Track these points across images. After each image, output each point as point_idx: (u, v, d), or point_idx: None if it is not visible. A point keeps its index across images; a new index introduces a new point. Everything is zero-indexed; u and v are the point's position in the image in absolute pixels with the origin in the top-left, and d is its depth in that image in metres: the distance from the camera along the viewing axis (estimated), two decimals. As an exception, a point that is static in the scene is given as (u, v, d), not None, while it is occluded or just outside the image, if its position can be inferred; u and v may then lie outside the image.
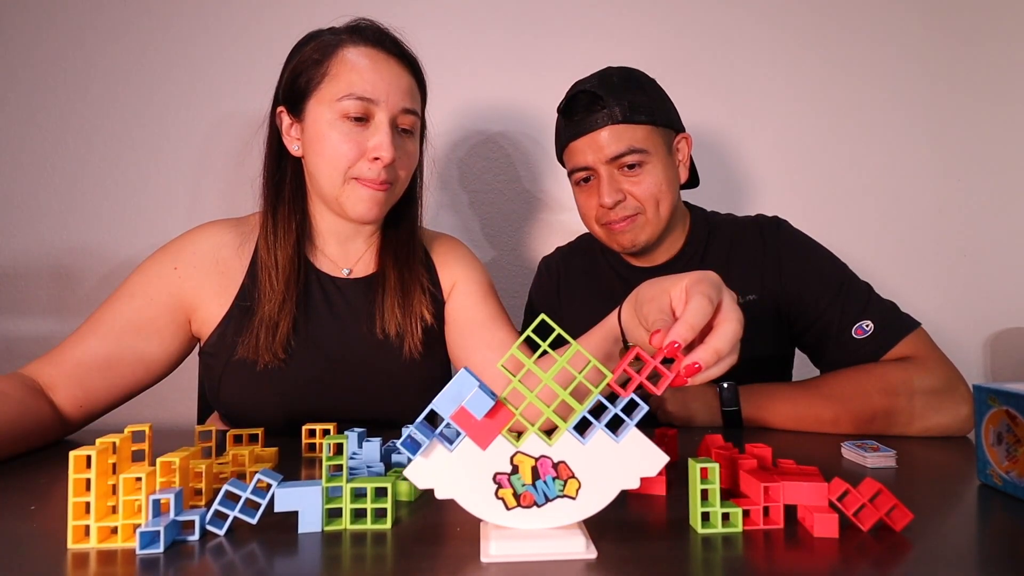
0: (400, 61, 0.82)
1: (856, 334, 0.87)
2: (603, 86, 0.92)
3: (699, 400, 0.84)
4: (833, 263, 0.95)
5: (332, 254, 0.89)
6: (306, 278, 0.86)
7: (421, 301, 0.88)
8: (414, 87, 0.84)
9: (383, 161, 0.79)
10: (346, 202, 0.82)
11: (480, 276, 0.95)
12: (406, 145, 0.83)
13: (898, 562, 0.43)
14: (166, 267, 0.83)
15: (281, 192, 0.85)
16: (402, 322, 0.86)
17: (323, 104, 0.79)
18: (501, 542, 0.43)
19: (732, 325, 0.48)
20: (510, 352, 0.44)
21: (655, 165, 0.93)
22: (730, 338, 0.48)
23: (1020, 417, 0.54)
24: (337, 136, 0.79)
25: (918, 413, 0.79)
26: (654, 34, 1.46)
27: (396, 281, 0.87)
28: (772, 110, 1.47)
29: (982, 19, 1.46)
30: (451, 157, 1.47)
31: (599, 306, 1.03)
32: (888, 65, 1.46)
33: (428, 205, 1.45)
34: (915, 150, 1.47)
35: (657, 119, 0.93)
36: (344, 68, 0.79)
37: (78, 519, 0.46)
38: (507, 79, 1.45)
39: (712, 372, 0.48)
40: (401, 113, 0.81)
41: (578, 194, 1.00)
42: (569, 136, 0.95)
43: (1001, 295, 1.47)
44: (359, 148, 0.79)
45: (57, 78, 1.41)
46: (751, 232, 0.99)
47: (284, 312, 0.82)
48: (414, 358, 0.86)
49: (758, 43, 1.46)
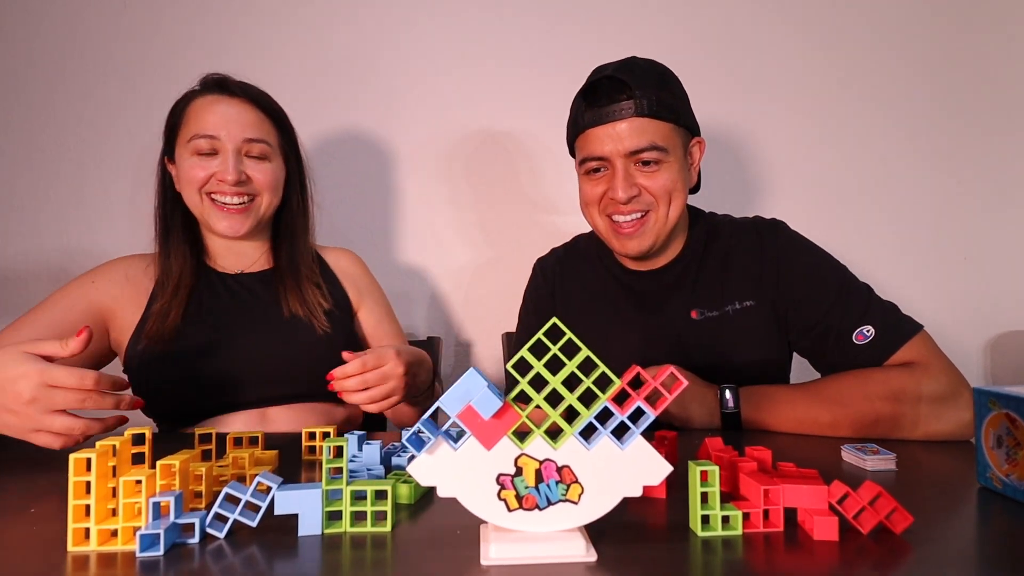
0: (243, 99, 0.98)
1: (857, 340, 0.85)
2: (631, 75, 0.87)
3: (698, 401, 0.84)
4: (832, 266, 0.93)
5: (226, 264, 1.04)
6: (208, 279, 1.01)
7: (315, 293, 1.02)
8: (260, 120, 0.99)
9: (228, 181, 0.94)
10: (210, 219, 0.97)
11: (381, 296, 1.14)
12: (256, 169, 0.98)
13: (898, 565, 0.43)
14: (84, 281, 0.96)
15: (173, 223, 1.01)
16: (302, 308, 0.99)
17: (182, 147, 0.97)
18: (501, 545, 0.43)
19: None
20: (519, 354, 0.44)
21: (672, 165, 0.90)
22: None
23: (1020, 420, 0.54)
24: (189, 166, 0.96)
25: (922, 420, 0.78)
26: (663, 32, 1.46)
27: (291, 278, 1.02)
28: (773, 114, 1.47)
29: (986, 23, 1.46)
30: (456, 154, 1.47)
31: (594, 310, 1.03)
32: (890, 68, 1.47)
33: (427, 202, 1.46)
34: (916, 153, 1.47)
35: (680, 119, 0.90)
36: (191, 116, 0.97)
37: (78, 522, 0.46)
38: (512, 78, 1.46)
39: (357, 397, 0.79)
40: (244, 142, 0.96)
41: (584, 182, 0.96)
42: (588, 122, 0.90)
43: (1001, 298, 1.47)
44: (208, 172, 0.95)
45: (57, 79, 1.42)
46: (749, 235, 0.97)
47: (174, 303, 0.94)
48: (326, 333, 0.98)
49: (760, 46, 1.47)
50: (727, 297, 0.94)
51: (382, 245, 1.48)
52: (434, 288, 1.49)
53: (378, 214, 1.47)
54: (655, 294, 0.99)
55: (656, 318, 0.97)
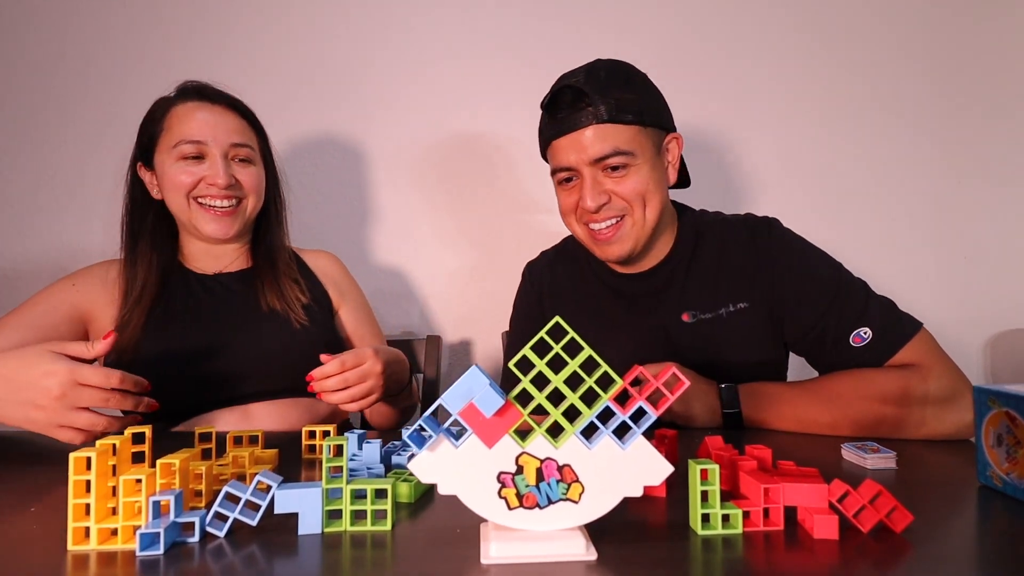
0: (224, 105, 1.00)
1: (854, 342, 0.84)
2: (589, 82, 0.86)
3: (701, 401, 0.83)
4: (827, 265, 0.92)
5: (204, 266, 1.05)
6: (185, 280, 1.02)
7: (293, 288, 1.04)
8: (243, 125, 1.02)
9: (219, 184, 0.96)
10: (197, 223, 0.98)
11: (361, 297, 1.16)
12: (243, 173, 1.00)
13: (898, 564, 0.43)
14: (66, 284, 0.98)
15: (142, 230, 1.02)
16: (279, 302, 1.01)
17: (165, 153, 0.98)
18: (501, 543, 0.43)
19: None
20: (521, 353, 0.44)
21: (641, 167, 0.88)
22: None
23: (1020, 419, 0.54)
24: (175, 171, 0.97)
25: (925, 422, 0.77)
26: (650, 31, 1.46)
27: (269, 275, 1.03)
28: (770, 111, 1.47)
29: (984, 22, 1.46)
30: (429, 159, 1.47)
31: (585, 315, 1.02)
32: (888, 66, 1.46)
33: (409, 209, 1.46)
34: (916, 151, 1.47)
35: (645, 119, 0.88)
36: (175, 121, 0.98)
37: (78, 521, 0.46)
38: (491, 76, 1.45)
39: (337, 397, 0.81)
40: (231, 147, 0.99)
41: (560, 192, 0.96)
42: (552, 134, 0.90)
43: (1001, 297, 1.47)
44: (195, 177, 0.97)
45: (57, 79, 1.42)
46: (741, 235, 0.95)
47: (137, 310, 0.95)
48: (303, 325, 1.00)
49: (756, 43, 1.47)
50: (720, 299, 0.93)
51: (383, 245, 1.48)
52: (433, 287, 1.49)
53: (373, 215, 1.47)
54: (645, 297, 0.98)
55: (647, 321, 0.96)
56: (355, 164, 1.46)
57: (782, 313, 0.91)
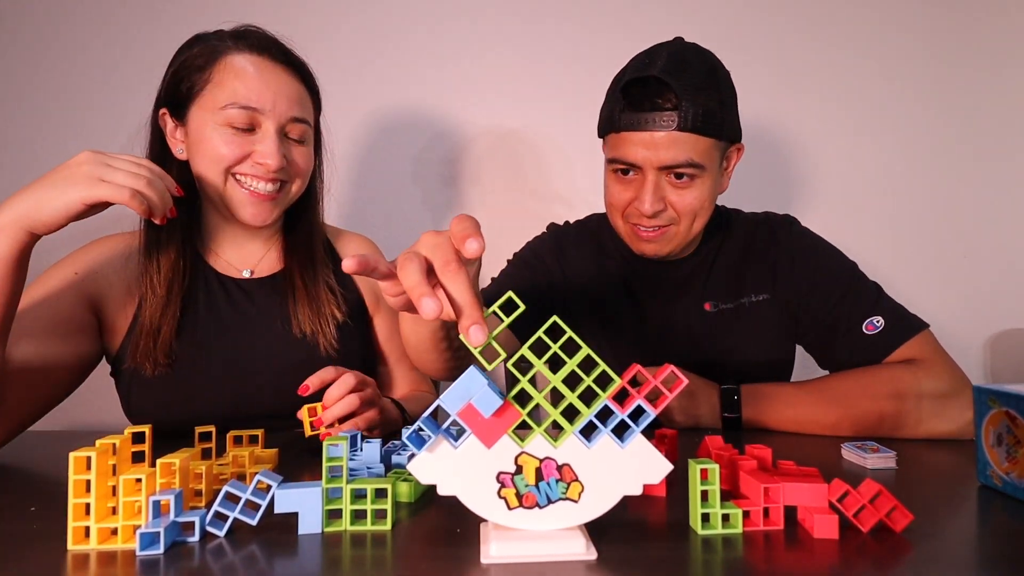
0: (288, 68, 0.83)
1: (867, 329, 0.86)
2: (680, 78, 0.79)
3: (706, 403, 0.83)
4: (843, 262, 0.95)
5: (229, 257, 0.90)
6: (205, 280, 0.88)
7: (329, 300, 0.90)
8: (304, 95, 0.85)
9: (269, 168, 0.80)
10: (232, 203, 0.83)
11: None
12: (296, 153, 0.84)
13: (898, 563, 0.43)
14: (67, 273, 0.82)
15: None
16: (314, 321, 0.88)
17: (206, 111, 0.80)
18: (501, 543, 0.43)
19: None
20: (520, 351, 0.44)
21: (705, 180, 0.85)
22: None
23: (1020, 418, 0.54)
24: (218, 139, 0.79)
25: (924, 418, 0.78)
26: (668, 30, 1.45)
27: (301, 283, 0.89)
28: (775, 110, 1.47)
29: (989, 21, 1.46)
30: (452, 155, 1.47)
31: (606, 295, 0.99)
32: (892, 66, 1.46)
33: (426, 204, 1.46)
34: (917, 151, 1.47)
35: (724, 132, 0.83)
36: (228, 75, 0.79)
37: (78, 520, 0.46)
38: (518, 72, 1.45)
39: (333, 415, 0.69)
40: (289, 122, 0.82)
41: (611, 181, 0.90)
42: (625, 124, 0.83)
43: (1002, 296, 1.47)
44: (242, 151, 0.80)
45: (58, 79, 1.41)
46: (764, 231, 0.98)
47: (167, 317, 0.81)
48: (330, 355, 0.87)
49: (761, 42, 1.46)
50: (744, 289, 0.95)
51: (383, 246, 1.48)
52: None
53: (373, 213, 1.47)
54: (669, 284, 0.98)
55: (669, 308, 0.97)
56: (362, 159, 1.46)
57: (798, 306, 0.93)
